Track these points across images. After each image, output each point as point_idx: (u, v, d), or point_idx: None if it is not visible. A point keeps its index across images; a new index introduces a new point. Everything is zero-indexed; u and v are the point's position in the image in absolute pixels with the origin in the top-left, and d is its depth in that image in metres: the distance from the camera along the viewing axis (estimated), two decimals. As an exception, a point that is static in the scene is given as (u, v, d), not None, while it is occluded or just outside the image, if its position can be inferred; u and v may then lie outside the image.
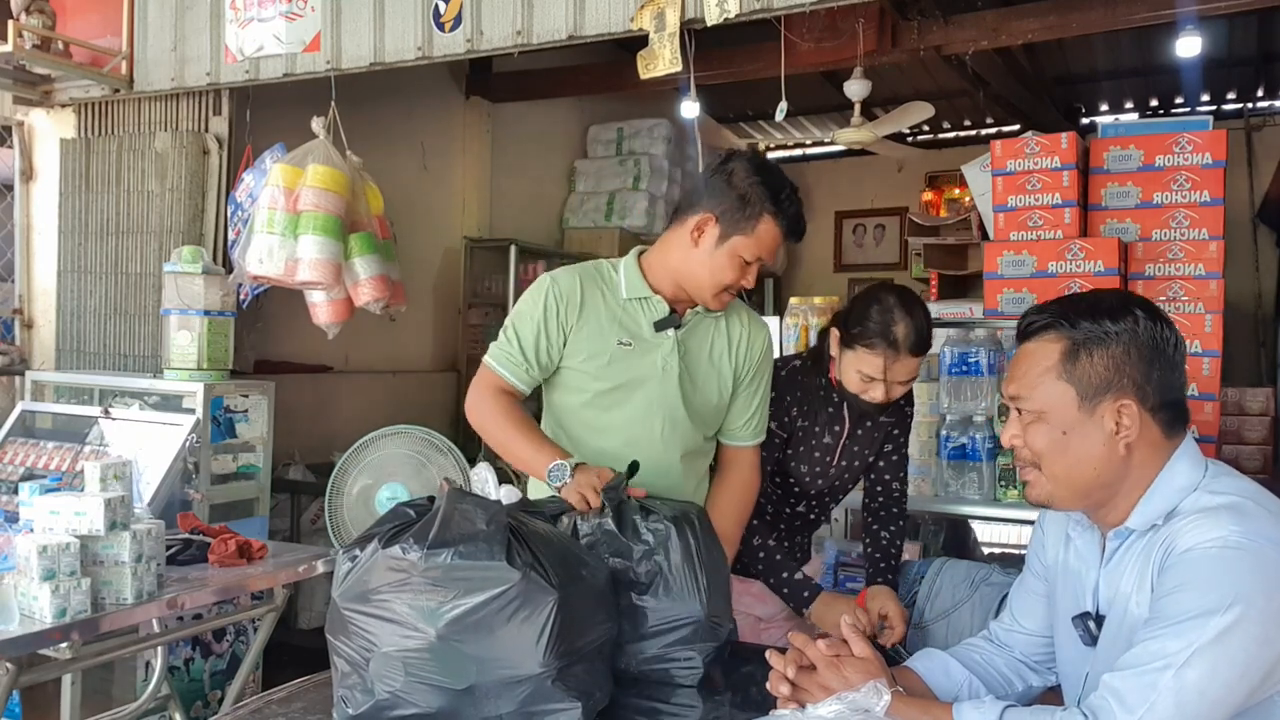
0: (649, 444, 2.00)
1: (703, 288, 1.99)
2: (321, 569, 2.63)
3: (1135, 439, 1.37)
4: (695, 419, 2.05)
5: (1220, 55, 6.18)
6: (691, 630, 1.66)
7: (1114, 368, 1.37)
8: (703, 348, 2.07)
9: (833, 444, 2.28)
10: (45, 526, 2.08)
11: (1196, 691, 1.22)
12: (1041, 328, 1.43)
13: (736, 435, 2.15)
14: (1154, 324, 1.39)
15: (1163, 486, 1.38)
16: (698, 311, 2.06)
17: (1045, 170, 3.75)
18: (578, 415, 2.05)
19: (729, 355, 2.09)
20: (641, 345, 2.01)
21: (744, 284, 2.00)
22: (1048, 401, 1.40)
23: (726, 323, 2.11)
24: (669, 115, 6.25)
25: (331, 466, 4.84)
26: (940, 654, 1.66)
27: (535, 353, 2.00)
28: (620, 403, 2.01)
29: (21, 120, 4.35)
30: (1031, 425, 1.43)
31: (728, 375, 2.09)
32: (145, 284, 4.01)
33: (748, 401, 2.13)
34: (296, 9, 3.65)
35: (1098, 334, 1.38)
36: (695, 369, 2.04)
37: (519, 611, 1.38)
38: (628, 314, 2.02)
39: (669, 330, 2.02)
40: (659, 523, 1.67)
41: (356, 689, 1.45)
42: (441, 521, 1.43)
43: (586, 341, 2.00)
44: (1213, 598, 1.24)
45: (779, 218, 1.95)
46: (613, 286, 2.04)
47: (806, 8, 2.92)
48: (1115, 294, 1.47)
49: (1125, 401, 1.37)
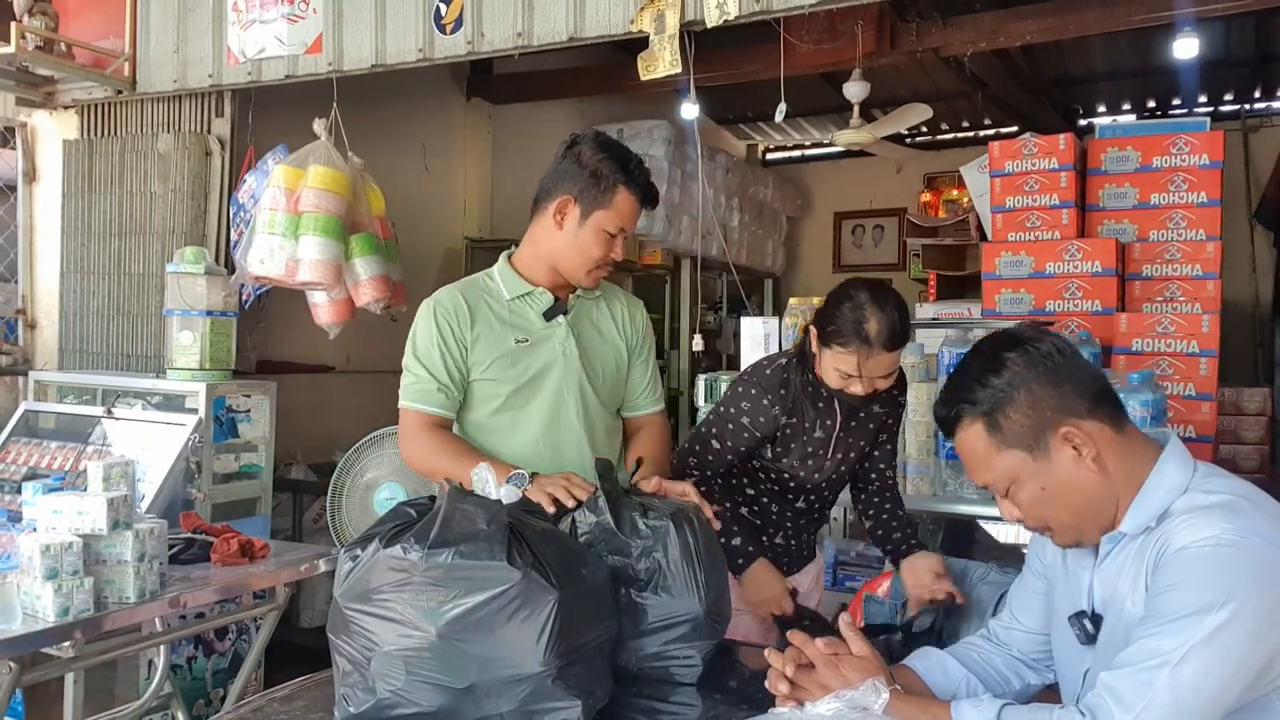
0: (567, 426, 2.10)
1: (575, 267, 2.08)
2: (323, 568, 2.64)
3: (1097, 450, 1.39)
4: (602, 394, 2.16)
5: (1217, 56, 6.18)
6: (691, 627, 1.67)
7: (1032, 408, 1.39)
8: (592, 328, 2.17)
9: (825, 438, 2.28)
10: (48, 526, 2.09)
11: (1192, 689, 1.24)
12: (953, 420, 1.46)
13: (639, 405, 2.27)
14: (1030, 350, 1.41)
15: (1153, 489, 1.39)
16: (579, 296, 2.16)
17: (1043, 171, 3.77)
18: (491, 424, 2.11)
19: (618, 332, 2.21)
20: (536, 338, 2.10)
21: (614, 256, 2.08)
22: (1008, 472, 1.43)
23: (608, 303, 2.23)
24: (669, 116, 6.25)
25: (333, 466, 4.85)
26: (938, 652, 1.67)
27: (446, 372, 2.06)
28: (533, 397, 2.09)
29: (24, 121, 4.36)
30: (1015, 496, 1.45)
31: (621, 349, 2.21)
32: (148, 284, 4.02)
33: (643, 372, 2.26)
34: (298, 11, 3.66)
35: (996, 394, 1.41)
36: (590, 348, 2.15)
37: (519, 611, 1.39)
38: (515, 314, 2.11)
39: (558, 318, 2.12)
40: (658, 519, 1.68)
41: (358, 688, 1.46)
42: (442, 521, 1.44)
43: (485, 349, 2.07)
44: (1206, 596, 1.25)
45: (631, 186, 2.04)
46: (494, 292, 2.14)
47: (806, 9, 2.93)
48: (985, 347, 1.48)
49: (1064, 428, 1.39)
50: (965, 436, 1.46)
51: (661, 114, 6.32)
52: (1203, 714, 1.25)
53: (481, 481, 1.57)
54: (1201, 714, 1.25)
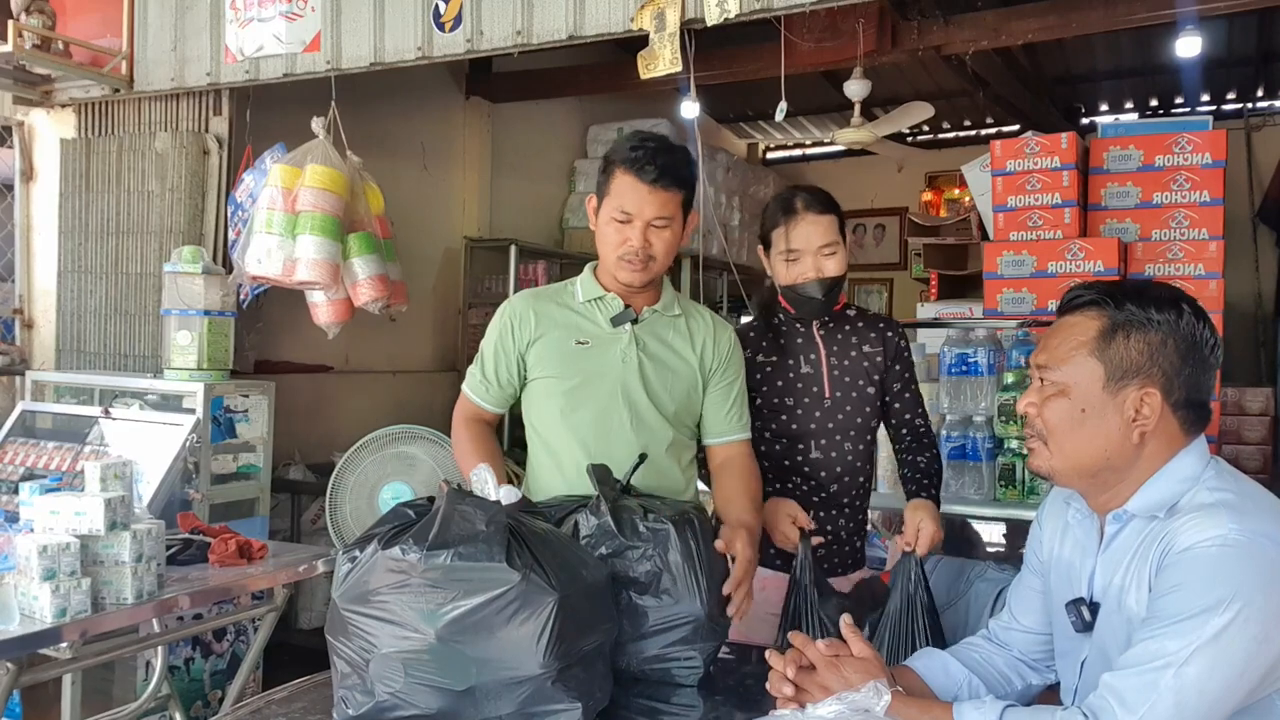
0: (619, 432, 2.07)
1: (607, 261, 2.07)
2: (322, 569, 2.63)
3: (1151, 430, 1.37)
4: (664, 409, 2.11)
5: (1220, 55, 6.18)
6: (692, 629, 1.66)
7: (1148, 355, 1.37)
8: (661, 341, 2.14)
9: (814, 373, 2.29)
10: (45, 526, 2.08)
11: (1196, 690, 1.23)
12: (1085, 303, 1.43)
13: (718, 431, 2.19)
14: (1197, 322, 1.39)
15: (1168, 475, 1.38)
16: (656, 310, 2.14)
17: (1045, 170, 3.75)
18: (553, 421, 2.12)
19: (692, 350, 2.15)
20: (599, 342, 2.09)
21: (629, 244, 2.02)
22: (1074, 376, 1.40)
23: (688, 322, 2.18)
24: (669, 115, 6.24)
25: (332, 466, 4.83)
26: (940, 653, 1.66)
27: (495, 372, 2.14)
28: (587, 398, 2.08)
29: (22, 120, 4.35)
30: (1052, 398, 1.42)
31: (695, 370, 2.15)
32: (145, 284, 4.01)
33: (723, 396, 2.19)
34: (296, 9, 3.65)
35: (1139, 319, 1.38)
36: (657, 361, 2.11)
37: (519, 613, 1.38)
38: (585, 317, 2.12)
39: (625, 325, 2.10)
40: (659, 522, 1.67)
41: (356, 690, 1.45)
42: (441, 523, 1.43)
43: (546, 350, 2.10)
44: (1211, 596, 1.24)
45: (625, 164, 2.00)
46: (570, 296, 2.15)
47: (806, 8, 2.92)
48: (1165, 286, 1.44)
49: (1150, 390, 1.36)
50: (1076, 320, 1.42)
51: (662, 113, 6.31)
52: (1206, 716, 1.24)
53: (481, 482, 1.56)
54: (1205, 716, 1.24)
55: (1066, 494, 1.56)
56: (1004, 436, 2.82)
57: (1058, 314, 1.48)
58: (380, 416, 4.55)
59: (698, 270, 5.75)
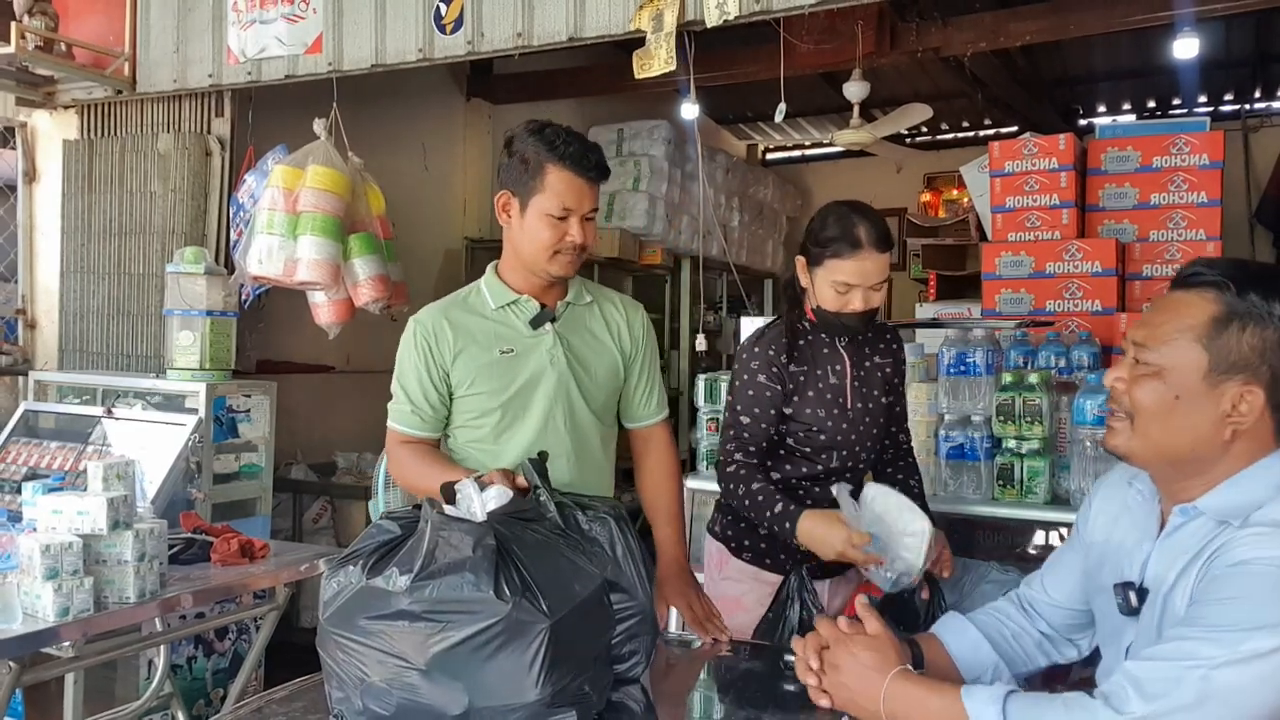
0: (555, 435, 2.06)
1: (535, 257, 2.02)
2: (323, 568, 2.63)
3: (1246, 429, 1.28)
4: (594, 404, 2.12)
5: (1217, 56, 6.19)
6: (638, 622, 1.59)
7: (1260, 351, 1.26)
8: (583, 334, 2.13)
9: (839, 384, 2.26)
10: (48, 526, 2.09)
11: (1220, 699, 1.17)
12: (1203, 283, 1.30)
13: (639, 414, 2.23)
14: None
15: (1251, 478, 1.29)
16: (569, 303, 2.12)
17: (1043, 171, 3.76)
18: (483, 439, 2.09)
19: (612, 338, 2.15)
20: (523, 347, 2.06)
21: (571, 239, 2.00)
22: (1174, 360, 1.29)
23: (601, 309, 2.17)
24: (669, 117, 6.26)
25: (333, 466, 4.86)
26: (973, 628, 1.58)
27: (423, 396, 2.07)
28: (524, 409, 2.06)
29: (24, 121, 4.36)
30: (1145, 378, 1.32)
31: (615, 356, 2.15)
32: (148, 284, 4.02)
33: (643, 379, 2.20)
34: (298, 11, 3.67)
35: (1260, 311, 1.26)
36: (583, 356, 2.11)
37: (509, 643, 1.34)
38: (502, 323, 2.08)
39: (546, 325, 2.08)
40: (600, 516, 1.60)
41: (349, 710, 1.41)
42: (426, 550, 1.38)
43: (469, 364, 2.05)
44: (1262, 615, 1.17)
45: (563, 161, 1.97)
46: (480, 305, 2.11)
47: (806, 9, 2.93)
48: None
49: (1254, 389, 1.26)
50: (1190, 299, 1.31)
51: (662, 114, 6.32)
52: None
53: (466, 500, 1.48)
54: None
55: (1131, 474, 1.47)
56: (1002, 436, 2.82)
57: (1171, 286, 1.36)
58: (381, 416, 4.55)
59: (698, 271, 5.77)
